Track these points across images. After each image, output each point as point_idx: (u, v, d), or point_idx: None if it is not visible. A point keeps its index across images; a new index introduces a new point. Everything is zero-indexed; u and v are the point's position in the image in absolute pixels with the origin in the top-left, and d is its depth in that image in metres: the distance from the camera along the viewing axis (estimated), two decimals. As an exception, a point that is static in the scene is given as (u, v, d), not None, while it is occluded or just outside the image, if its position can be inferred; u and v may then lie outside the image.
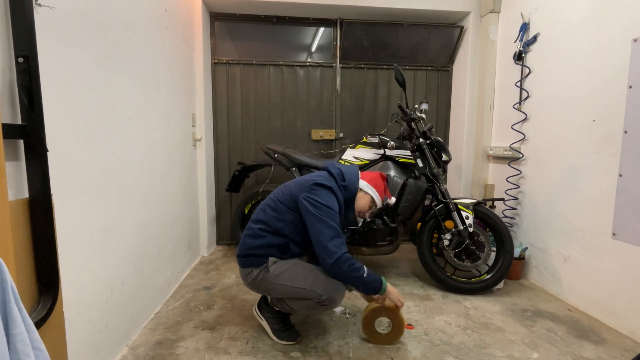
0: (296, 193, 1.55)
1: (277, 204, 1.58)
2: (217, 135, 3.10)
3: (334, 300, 1.52)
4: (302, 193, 1.52)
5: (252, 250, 1.57)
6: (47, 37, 1.09)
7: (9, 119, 0.96)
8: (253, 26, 3.02)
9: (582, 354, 1.61)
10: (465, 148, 3.05)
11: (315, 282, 1.51)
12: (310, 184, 1.53)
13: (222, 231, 3.20)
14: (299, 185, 1.58)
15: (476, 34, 2.96)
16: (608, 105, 1.90)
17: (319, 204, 1.48)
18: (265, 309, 1.74)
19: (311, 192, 1.51)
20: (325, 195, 1.51)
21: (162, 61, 2.03)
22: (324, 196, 1.50)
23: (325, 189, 1.52)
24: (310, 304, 1.52)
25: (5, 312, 0.71)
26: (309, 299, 1.51)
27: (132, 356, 1.55)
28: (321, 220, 1.46)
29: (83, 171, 1.28)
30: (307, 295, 1.50)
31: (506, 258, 2.18)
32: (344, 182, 1.61)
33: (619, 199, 1.82)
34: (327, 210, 1.48)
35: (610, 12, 1.90)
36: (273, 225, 1.56)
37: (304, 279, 1.52)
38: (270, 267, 1.54)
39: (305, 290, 1.50)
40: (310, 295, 1.50)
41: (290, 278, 1.53)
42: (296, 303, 1.56)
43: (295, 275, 1.53)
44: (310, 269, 1.57)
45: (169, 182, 2.15)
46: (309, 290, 1.50)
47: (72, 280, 1.21)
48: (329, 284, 1.51)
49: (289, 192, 1.58)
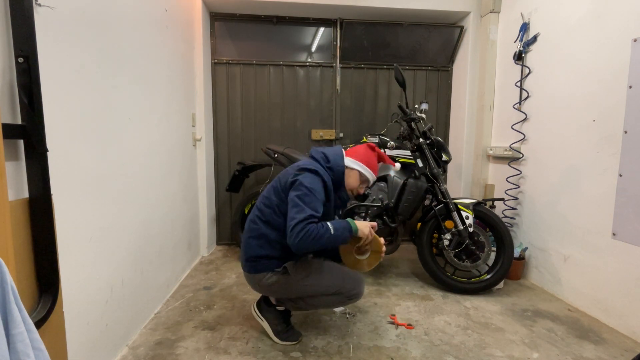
0: (285, 181, 1.54)
1: (271, 199, 1.56)
2: (217, 135, 3.10)
3: (359, 294, 1.63)
4: (289, 179, 1.51)
5: (261, 251, 1.54)
6: (47, 37, 1.09)
7: (9, 119, 0.96)
8: (253, 26, 3.02)
9: (582, 354, 1.61)
10: (465, 148, 3.05)
11: (344, 278, 1.60)
12: (295, 170, 1.53)
13: (222, 231, 3.20)
14: (285, 174, 1.58)
15: (476, 34, 2.96)
16: (608, 105, 1.90)
17: (302, 187, 1.45)
18: (266, 309, 1.73)
19: (296, 176, 1.50)
20: (309, 178, 1.47)
21: (162, 61, 2.03)
22: (308, 179, 1.47)
23: (310, 172, 1.50)
24: (340, 298, 1.60)
25: (5, 312, 0.71)
26: (339, 293, 1.59)
27: (132, 356, 1.55)
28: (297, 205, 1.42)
29: (83, 171, 1.28)
30: (339, 291, 1.58)
31: (506, 258, 2.18)
32: (329, 163, 1.59)
33: (619, 199, 1.82)
34: (308, 195, 1.44)
35: (610, 12, 1.90)
36: (273, 222, 1.54)
37: (331, 277, 1.59)
38: (290, 270, 1.53)
39: (336, 286, 1.58)
40: (342, 290, 1.58)
41: (318, 278, 1.57)
42: (323, 300, 1.61)
43: (322, 275, 1.58)
44: (332, 266, 1.63)
45: (169, 182, 2.15)
46: (340, 286, 1.58)
47: (72, 280, 1.21)
48: (354, 277, 1.63)
49: (278, 185, 1.57)
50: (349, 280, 1.60)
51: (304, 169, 1.51)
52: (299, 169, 1.52)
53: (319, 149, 1.67)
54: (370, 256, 1.59)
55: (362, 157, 1.65)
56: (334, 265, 1.63)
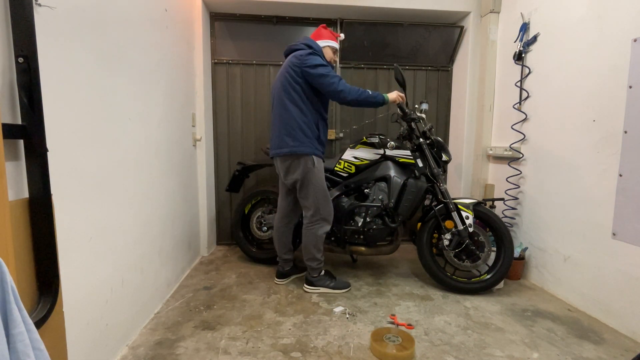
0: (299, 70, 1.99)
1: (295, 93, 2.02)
2: (217, 135, 3.10)
3: (327, 222, 2.16)
4: (303, 65, 1.98)
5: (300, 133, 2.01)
6: (47, 37, 1.09)
7: (9, 119, 0.96)
8: (253, 26, 3.02)
9: (582, 354, 1.62)
10: (465, 148, 3.05)
11: (328, 204, 2.14)
12: (303, 57, 1.99)
13: (222, 231, 3.20)
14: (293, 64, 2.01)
15: (476, 34, 2.96)
16: (608, 105, 1.90)
17: (318, 65, 1.98)
18: (310, 280, 2.23)
19: (307, 61, 1.98)
20: (317, 59, 2.00)
21: (162, 61, 2.03)
22: (317, 60, 2.00)
23: (314, 55, 2.02)
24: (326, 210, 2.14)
25: (5, 312, 0.71)
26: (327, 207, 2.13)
27: (132, 356, 1.55)
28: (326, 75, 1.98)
29: (83, 171, 1.28)
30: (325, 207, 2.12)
31: (506, 258, 2.18)
32: (313, 48, 2.07)
33: (619, 199, 1.82)
34: (325, 67, 2.00)
35: (610, 12, 1.90)
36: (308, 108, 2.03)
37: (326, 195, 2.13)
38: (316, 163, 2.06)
39: (327, 199, 2.13)
40: (323, 208, 2.12)
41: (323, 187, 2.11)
42: (326, 204, 2.13)
43: (323, 189, 2.11)
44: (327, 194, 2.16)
45: (168, 182, 2.15)
46: (325, 205, 2.12)
47: (72, 280, 1.21)
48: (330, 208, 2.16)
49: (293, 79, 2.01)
50: (330, 209, 2.15)
51: (309, 54, 2.00)
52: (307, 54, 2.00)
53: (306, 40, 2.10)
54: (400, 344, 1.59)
55: (324, 35, 2.16)
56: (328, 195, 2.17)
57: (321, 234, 2.14)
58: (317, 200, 2.08)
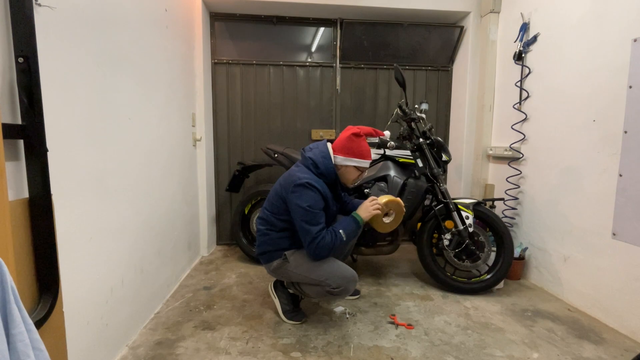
0: (284, 195, 1.69)
1: (273, 205, 1.76)
2: (217, 135, 3.10)
3: (346, 291, 1.68)
4: (288, 195, 1.64)
5: (268, 247, 1.77)
6: (47, 37, 1.09)
7: (9, 119, 0.96)
8: (253, 26, 3.02)
9: (582, 354, 1.61)
10: (465, 148, 3.05)
11: (330, 274, 1.66)
12: (291, 187, 1.63)
13: (222, 231, 3.20)
14: (284, 186, 1.69)
15: (476, 34, 2.96)
16: (608, 105, 1.90)
17: (299, 209, 1.60)
18: (280, 289, 1.93)
19: (293, 193, 1.61)
20: (304, 196, 1.60)
21: (162, 61, 2.03)
22: (304, 197, 1.60)
23: (304, 188, 1.60)
24: (321, 290, 1.69)
25: (5, 312, 0.71)
26: (320, 285, 1.68)
27: (132, 356, 1.55)
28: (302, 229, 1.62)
29: (83, 171, 1.28)
30: (321, 284, 1.67)
31: (506, 258, 2.18)
32: (319, 169, 1.67)
33: (619, 199, 1.82)
34: (308, 213, 1.59)
35: (610, 12, 1.90)
36: (277, 224, 1.75)
37: (319, 270, 1.67)
38: (290, 258, 1.74)
39: (320, 280, 1.67)
40: (323, 284, 1.66)
41: (308, 269, 1.69)
42: (310, 288, 1.73)
43: (313, 266, 1.69)
44: (328, 260, 1.71)
45: (169, 182, 2.15)
46: (324, 281, 1.66)
47: (72, 280, 1.21)
48: (343, 275, 1.66)
49: (278, 195, 1.73)
50: (335, 277, 1.65)
51: (298, 186, 1.61)
52: (295, 186, 1.62)
53: (307, 153, 1.73)
54: (396, 216, 1.85)
55: (352, 150, 1.68)
56: (329, 260, 1.71)
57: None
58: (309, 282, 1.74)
